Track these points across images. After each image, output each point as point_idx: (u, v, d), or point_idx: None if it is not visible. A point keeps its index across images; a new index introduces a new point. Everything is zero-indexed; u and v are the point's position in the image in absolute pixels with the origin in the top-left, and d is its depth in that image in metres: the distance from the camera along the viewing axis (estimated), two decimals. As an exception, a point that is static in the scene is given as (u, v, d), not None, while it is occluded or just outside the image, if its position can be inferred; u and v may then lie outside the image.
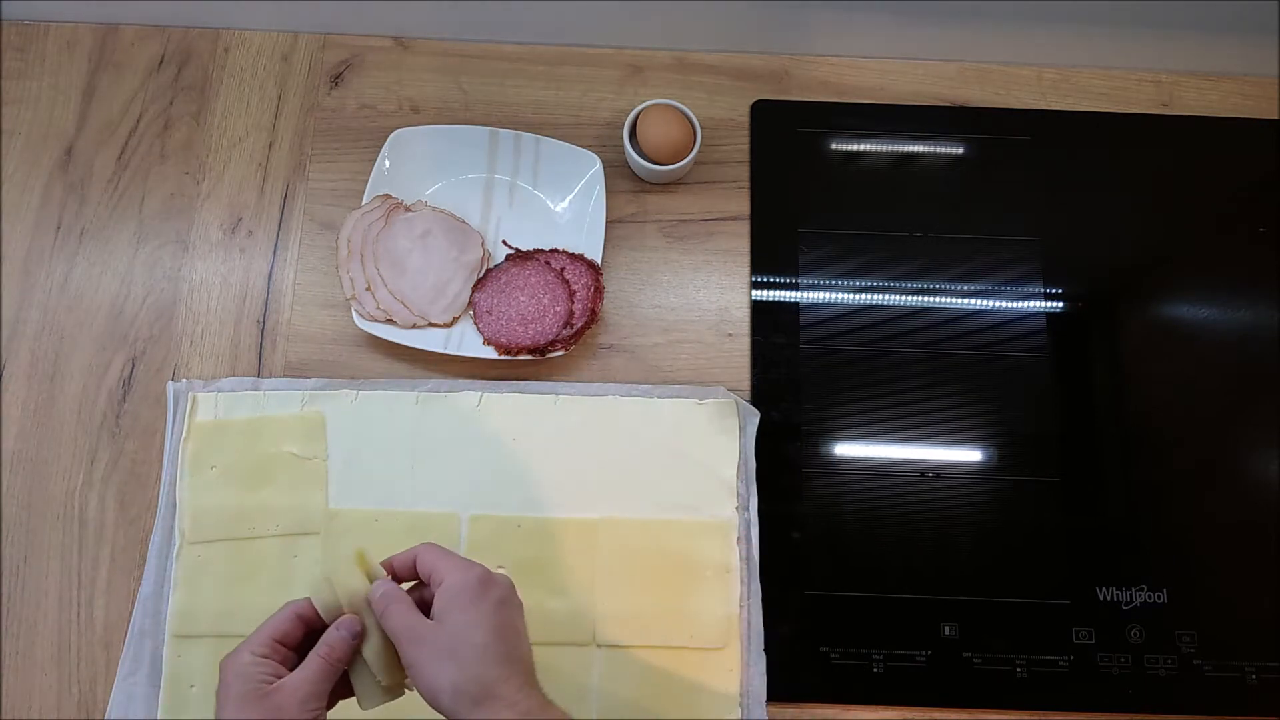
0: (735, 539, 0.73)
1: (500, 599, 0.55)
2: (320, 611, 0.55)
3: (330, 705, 0.54)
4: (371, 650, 0.55)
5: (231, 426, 0.76)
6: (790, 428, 0.77)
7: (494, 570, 0.57)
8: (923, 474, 0.77)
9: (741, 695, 0.70)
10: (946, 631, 0.73)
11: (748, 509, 0.74)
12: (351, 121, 0.85)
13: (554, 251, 0.80)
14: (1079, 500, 0.76)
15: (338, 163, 0.84)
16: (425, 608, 0.55)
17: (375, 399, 0.76)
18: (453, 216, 0.81)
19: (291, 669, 0.53)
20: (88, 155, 0.84)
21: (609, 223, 0.81)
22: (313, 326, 0.80)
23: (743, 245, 0.83)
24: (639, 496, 0.74)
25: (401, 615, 0.54)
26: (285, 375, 0.79)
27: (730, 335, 0.81)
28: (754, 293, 0.81)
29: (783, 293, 0.81)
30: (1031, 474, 0.77)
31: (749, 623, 0.72)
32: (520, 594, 0.71)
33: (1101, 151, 0.85)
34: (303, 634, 0.54)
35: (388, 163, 0.81)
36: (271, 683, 0.51)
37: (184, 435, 0.75)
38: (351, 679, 0.55)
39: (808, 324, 0.80)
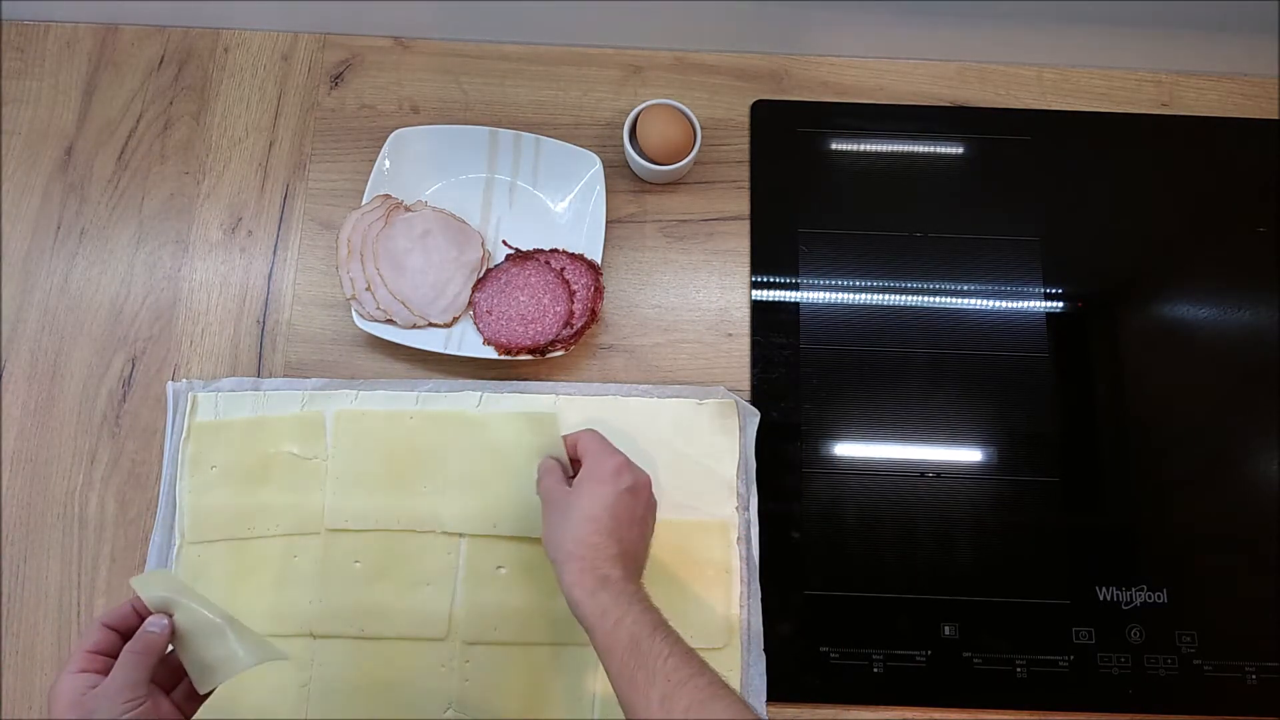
0: (735, 539, 0.73)
1: (630, 487, 0.62)
2: (147, 603, 0.57)
3: (198, 702, 0.57)
4: (193, 645, 0.56)
5: (231, 427, 0.76)
6: (790, 428, 0.77)
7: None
8: (923, 474, 0.77)
9: (741, 695, 0.70)
10: (946, 631, 0.73)
11: (748, 509, 0.74)
12: (351, 121, 0.85)
13: (554, 251, 0.80)
14: (1079, 500, 0.76)
15: (338, 163, 0.84)
16: None
17: (375, 399, 0.76)
18: (453, 216, 0.81)
19: None
20: (88, 155, 0.84)
21: (609, 223, 0.81)
22: (313, 326, 0.80)
23: (743, 245, 0.83)
24: (639, 496, 0.74)
25: (546, 482, 0.64)
26: (285, 375, 0.79)
27: (730, 335, 0.80)
28: (754, 293, 0.81)
29: (783, 293, 0.81)
30: (1031, 474, 0.77)
31: (749, 623, 0.72)
32: (520, 594, 0.72)
33: (1101, 151, 0.85)
34: (119, 640, 0.55)
35: (388, 163, 0.81)
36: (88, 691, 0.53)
37: (184, 435, 0.75)
38: (185, 665, 0.57)
39: (808, 324, 0.80)
